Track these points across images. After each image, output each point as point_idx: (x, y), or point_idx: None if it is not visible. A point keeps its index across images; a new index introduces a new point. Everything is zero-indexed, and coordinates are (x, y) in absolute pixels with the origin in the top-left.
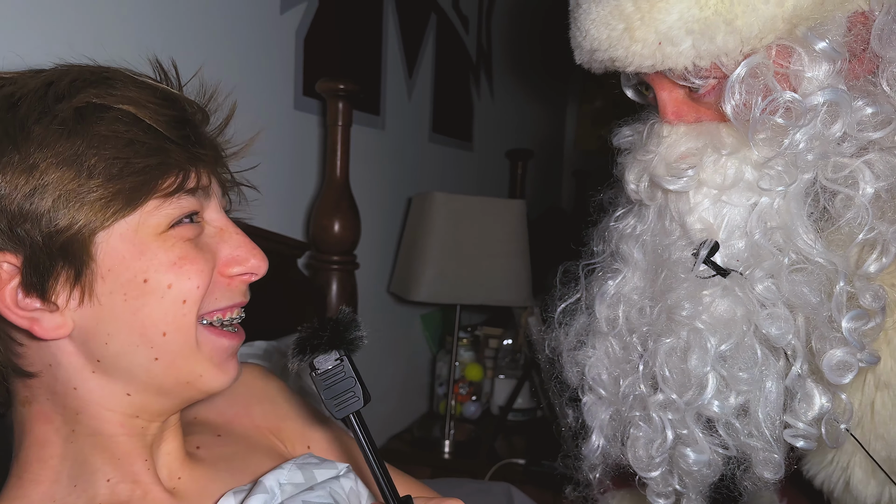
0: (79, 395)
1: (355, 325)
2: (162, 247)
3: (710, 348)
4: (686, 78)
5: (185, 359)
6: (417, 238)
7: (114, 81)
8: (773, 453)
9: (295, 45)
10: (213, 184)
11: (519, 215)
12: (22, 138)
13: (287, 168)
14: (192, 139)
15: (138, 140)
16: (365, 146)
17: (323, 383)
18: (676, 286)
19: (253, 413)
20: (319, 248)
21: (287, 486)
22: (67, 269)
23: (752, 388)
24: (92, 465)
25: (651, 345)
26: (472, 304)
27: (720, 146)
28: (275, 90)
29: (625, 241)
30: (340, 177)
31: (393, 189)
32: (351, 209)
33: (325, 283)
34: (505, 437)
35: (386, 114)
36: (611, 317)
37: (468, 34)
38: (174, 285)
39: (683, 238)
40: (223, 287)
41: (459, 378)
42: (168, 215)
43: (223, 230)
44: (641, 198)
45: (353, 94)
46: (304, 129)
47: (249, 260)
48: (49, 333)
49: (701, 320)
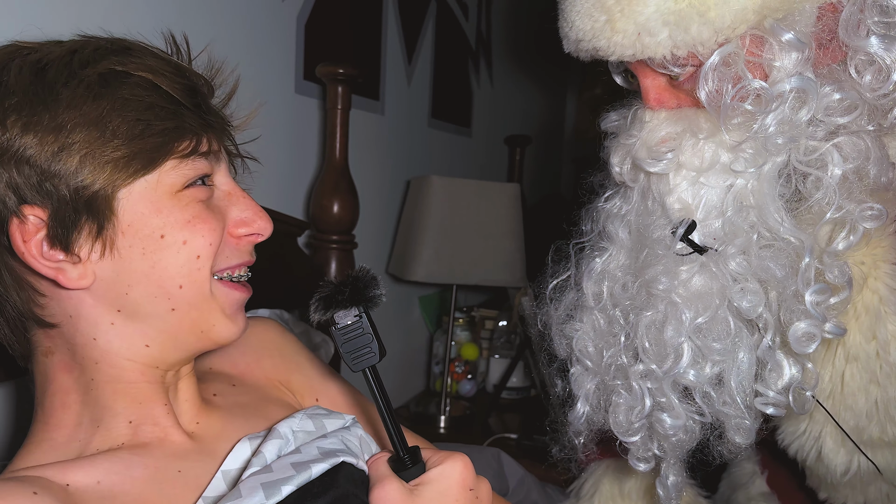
0: (98, 345)
1: (375, 283)
2: (177, 206)
3: (685, 320)
4: (665, 66)
5: (200, 310)
6: (415, 220)
7: (133, 51)
8: (745, 419)
9: (296, 31)
10: (222, 151)
11: (513, 198)
12: (52, 100)
13: (288, 150)
14: (202, 107)
15: (157, 104)
16: (365, 130)
17: (342, 338)
18: (655, 262)
19: (264, 365)
20: (319, 227)
21: (300, 434)
22: (90, 224)
23: (726, 359)
24: (113, 409)
25: (632, 318)
26: (467, 284)
27: (697, 131)
28: (276, 74)
29: (611, 221)
30: (340, 159)
31: (392, 172)
32: (350, 191)
33: (324, 261)
34: (499, 414)
35: (386, 99)
36: (596, 292)
37: (468, 21)
38: (189, 242)
39: (663, 217)
40: (232, 246)
41: (455, 357)
42: (184, 175)
43: (231, 194)
44: (625, 180)
45: (353, 79)
46: (304, 112)
47: (256, 221)
48: (72, 283)
49: (678, 294)
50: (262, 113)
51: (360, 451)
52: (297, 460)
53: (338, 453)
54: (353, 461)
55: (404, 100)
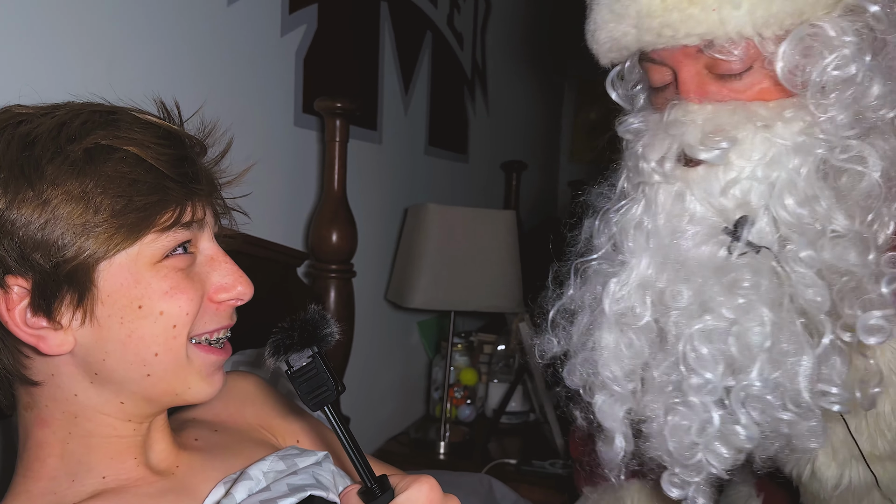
0: (79, 400)
1: (325, 322)
2: (156, 276)
3: (754, 324)
4: (727, 52)
5: (175, 374)
6: (412, 247)
7: (120, 122)
8: (813, 421)
9: (295, 65)
10: (208, 215)
11: (509, 225)
12: (37, 176)
13: (288, 181)
14: (189, 175)
15: (140, 179)
16: (363, 160)
17: (297, 380)
18: (705, 267)
19: (245, 413)
20: (318, 257)
21: (270, 474)
22: (72, 293)
23: (793, 361)
24: (88, 463)
25: (685, 329)
26: (465, 310)
27: (758, 121)
28: (276, 108)
29: (630, 231)
30: (338, 190)
31: (390, 200)
32: (348, 220)
33: (323, 290)
34: (498, 439)
35: (383, 128)
36: (622, 310)
37: (463, 50)
38: (166, 312)
39: (713, 215)
40: (212, 312)
41: (454, 382)
42: (163, 246)
43: (214, 259)
44: (661, 178)
45: (350, 112)
46: (303, 144)
47: (236, 287)
48: (53, 349)
49: (740, 298)
50: (263, 146)
51: (332, 484)
52: (266, 497)
53: (306, 487)
54: (322, 494)
55: (402, 129)
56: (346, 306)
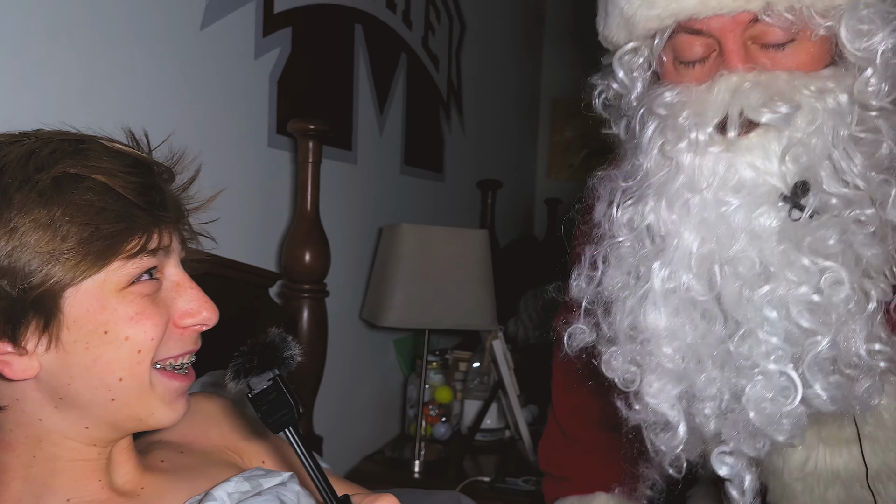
0: (43, 424)
1: (286, 345)
2: (122, 302)
3: (823, 287)
4: (783, 20)
5: (139, 399)
6: (387, 267)
7: (89, 151)
8: (871, 379)
9: (269, 87)
10: (174, 241)
11: (483, 244)
12: (4, 204)
13: (262, 202)
14: (156, 203)
15: (108, 208)
16: (338, 180)
17: (257, 403)
18: (766, 233)
19: (211, 434)
20: (291, 277)
21: (235, 495)
22: (38, 319)
23: (856, 320)
24: (52, 486)
25: (751, 297)
26: (438, 328)
27: (809, 86)
28: (250, 129)
29: (673, 205)
30: (311, 210)
31: (365, 219)
32: (321, 241)
33: (296, 310)
34: (473, 457)
35: (358, 148)
36: (672, 287)
37: (438, 72)
38: (131, 337)
39: (766, 182)
40: (177, 337)
41: (429, 400)
42: (129, 273)
43: (180, 285)
44: (718, 146)
45: (323, 133)
46: (277, 165)
47: (201, 312)
48: (18, 374)
49: (821, 260)
50: (237, 167)
51: None
52: None
53: None
54: None
55: (377, 149)
56: (319, 326)
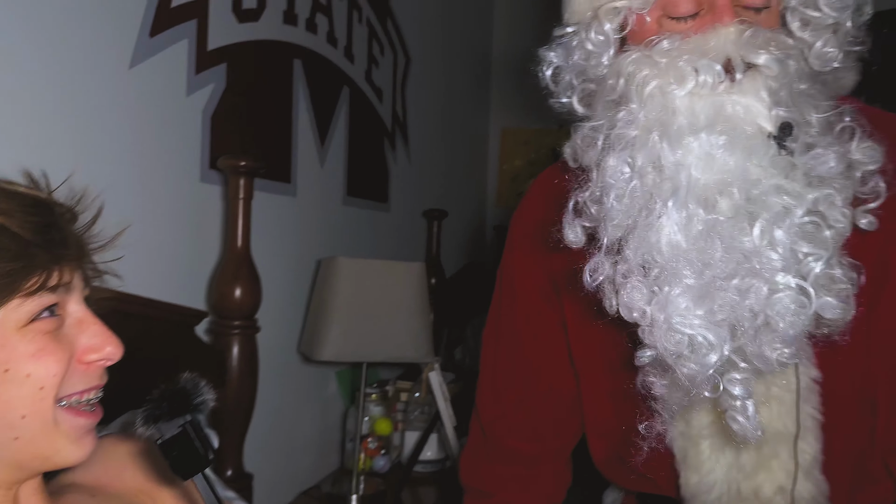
0: None
1: (197, 390)
2: (22, 340)
3: (828, 213)
4: None
5: (44, 437)
6: (323, 300)
7: None
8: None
9: (202, 123)
10: (76, 278)
11: (419, 277)
12: None
13: (192, 237)
14: (56, 241)
15: (4, 247)
16: (274, 213)
17: (167, 450)
18: (765, 167)
19: (125, 478)
20: (220, 314)
21: None
22: None
23: None
24: None
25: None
26: (375, 361)
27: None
28: (181, 164)
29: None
30: (241, 247)
31: (304, 252)
32: (251, 276)
33: (226, 346)
34: (413, 489)
35: (298, 181)
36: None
37: (382, 104)
38: (32, 374)
39: (754, 123)
40: (81, 372)
41: (369, 433)
42: (29, 311)
43: (83, 321)
44: (709, 87)
45: (254, 170)
46: (209, 200)
47: (105, 347)
48: None
49: (826, 189)
50: (167, 202)
51: None
52: None
53: None
54: None
55: (318, 181)
56: (248, 362)
